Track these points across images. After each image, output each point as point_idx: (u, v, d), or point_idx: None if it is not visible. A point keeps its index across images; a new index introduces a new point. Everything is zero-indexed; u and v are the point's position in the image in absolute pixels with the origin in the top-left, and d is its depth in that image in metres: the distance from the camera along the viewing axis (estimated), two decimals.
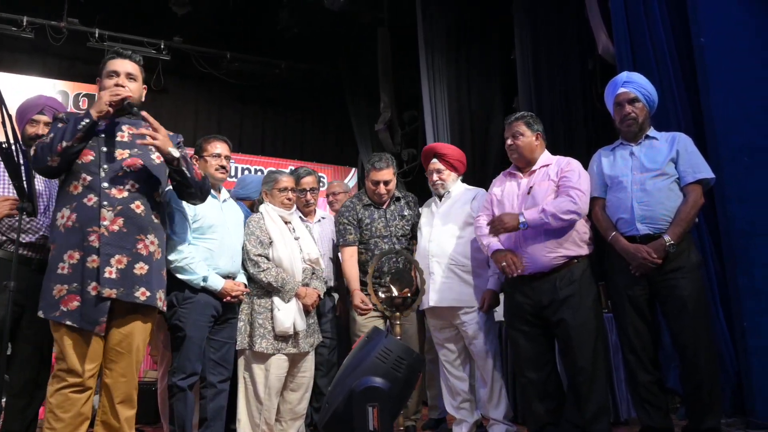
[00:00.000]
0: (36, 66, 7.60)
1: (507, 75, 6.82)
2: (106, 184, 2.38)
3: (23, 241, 2.68)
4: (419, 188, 6.52)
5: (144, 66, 2.68)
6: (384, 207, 3.58)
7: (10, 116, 2.14)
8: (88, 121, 2.36)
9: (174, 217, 2.91)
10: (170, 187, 2.79)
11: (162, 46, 7.79)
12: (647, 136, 3.02)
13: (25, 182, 2.20)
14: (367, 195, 3.61)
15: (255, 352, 3.11)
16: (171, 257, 2.86)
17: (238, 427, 3.14)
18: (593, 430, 2.83)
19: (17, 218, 2.61)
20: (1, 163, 2.69)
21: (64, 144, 2.31)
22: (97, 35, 7.43)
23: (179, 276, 2.88)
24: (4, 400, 2.80)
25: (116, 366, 2.44)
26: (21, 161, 2.17)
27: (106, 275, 2.32)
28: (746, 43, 3.85)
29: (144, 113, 2.47)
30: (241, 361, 3.18)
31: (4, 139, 2.24)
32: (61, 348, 2.33)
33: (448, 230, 3.38)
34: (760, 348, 3.53)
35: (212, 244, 3.02)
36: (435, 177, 3.46)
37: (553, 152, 3.36)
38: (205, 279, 2.91)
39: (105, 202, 2.36)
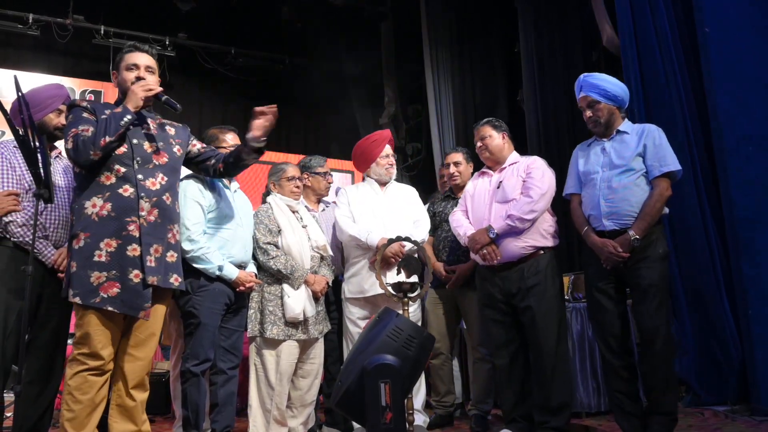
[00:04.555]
0: (42, 63, 7.62)
1: (511, 68, 6.85)
2: (140, 176, 2.47)
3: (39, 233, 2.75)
4: (426, 182, 6.55)
5: None
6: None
7: (27, 104, 2.19)
8: (129, 117, 2.43)
9: (190, 208, 2.95)
10: (183, 178, 2.89)
11: (167, 43, 7.81)
12: (618, 131, 3.09)
13: (41, 169, 2.23)
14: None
15: (266, 338, 3.15)
16: (187, 247, 2.90)
17: (249, 412, 3.19)
18: (556, 405, 3.02)
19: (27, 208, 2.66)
20: (18, 150, 2.76)
21: (108, 139, 2.37)
22: (102, 32, 7.46)
23: (195, 265, 2.92)
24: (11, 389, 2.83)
25: (136, 351, 2.50)
26: (37, 148, 2.20)
27: (149, 264, 2.42)
28: (750, 33, 3.86)
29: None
30: (252, 348, 3.22)
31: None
32: (86, 333, 2.37)
33: (399, 222, 3.49)
34: (764, 336, 3.55)
35: (227, 233, 3.06)
36: (392, 161, 3.70)
37: (558, 144, 3.45)
38: (220, 268, 2.96)
39: (142, 194, 2.45)
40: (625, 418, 2.95)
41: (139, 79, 2.55)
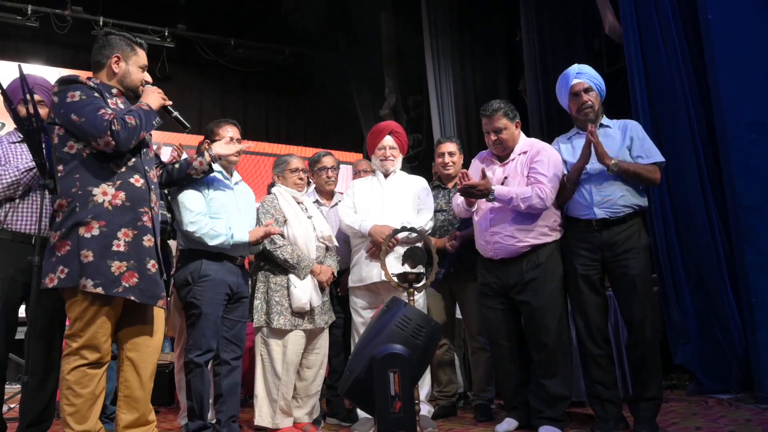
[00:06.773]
0: (40, 54, 7.60)
1: (512, 57, 6.81)
2: (147, 168, 2.53)
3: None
4: (427, 173, 6.53)
5: (148, 53, 2.74)
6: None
7: (32, 92, 2.18)
8: (159, 119, 2.56)
9: (191, 196, 2.99)
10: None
11: (166, 34, 7.79)
12: (601, 125, 3.12)
13: (46, 160, 2.22)
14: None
15: (273, 328, 3.16)
16: (192, 228, 2.93)
17: (255, 402, 3.19)
18: (554, 397, 3.00)
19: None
20: (12, 145, 2.79)
21: (144, 134, 2.48)
22: (101, 23, 7.43)
23: (208, 242, 2.94)
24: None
25: (148, 341, 2.51)
26: (42, 139, 2.20)
27: (160, 254, 2.48)
28: (753, 20, 3.85)
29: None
30: (258, 338, 3.23)
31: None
32: (88, 325, 2.34)
33: (401, 211, 3.46)
34: (767, 323, 3.56)
35: (226, 223, 3.06)
36: (389, 153, 3.60)
37: (560, 133, 3.42)
38: (232, 236, 2.99)
39: (152, 186, 2.52)
40: (599, 404, 2.97)
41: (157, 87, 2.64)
